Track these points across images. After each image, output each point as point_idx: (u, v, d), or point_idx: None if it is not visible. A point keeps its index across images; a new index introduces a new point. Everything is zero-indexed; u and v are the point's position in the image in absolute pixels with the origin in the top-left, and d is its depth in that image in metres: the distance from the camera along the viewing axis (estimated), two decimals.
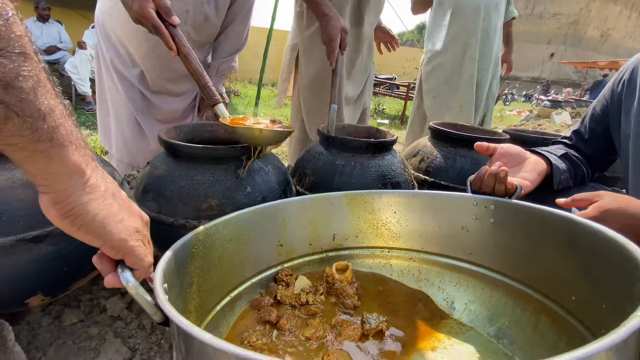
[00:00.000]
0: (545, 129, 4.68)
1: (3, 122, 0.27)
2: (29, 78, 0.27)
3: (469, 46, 1.79)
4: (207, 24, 1.16)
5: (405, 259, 0.75)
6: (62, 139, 0.30)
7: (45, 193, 0.31)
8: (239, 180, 0.73)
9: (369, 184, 0.87)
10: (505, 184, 0.65)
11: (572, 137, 0.87)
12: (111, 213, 0.34)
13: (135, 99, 1.16)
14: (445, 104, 1.87)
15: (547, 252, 0.59)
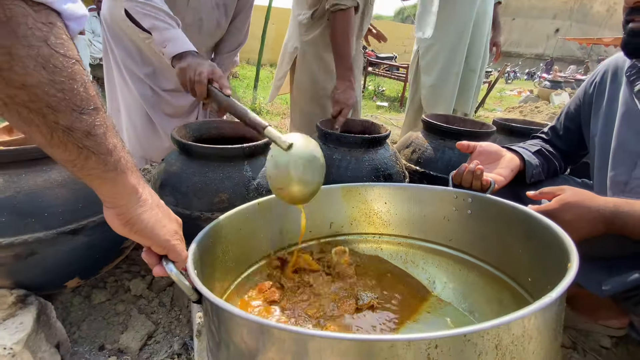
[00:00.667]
0: (542, 111, 4.72)
1: (85, 160, 0.36)
2: (101, 126, 0.36)
3: (464, 31, 1.77)
4: (218, 29, 1.21)
5: (394, 243, 0.85)
6: (123, 167, 0.39)
7: (110, 208, 0.41)
8: (246, 176, 0.82)
9: (363, 176, 0.96)
10: (481, 180, 0.73)
11: (549, 133, 0.95)
12: (158, 220, 0.44)
13: (146, 95, 1.22)
14: (441, 94, 1.89)
15: (511, 240, 0.69)
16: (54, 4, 0.33)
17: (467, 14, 1.75)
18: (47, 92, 0.32)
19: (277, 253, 0.80)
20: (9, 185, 0.62)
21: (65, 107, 0.33)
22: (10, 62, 0.30)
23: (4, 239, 0.59)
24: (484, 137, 1.14)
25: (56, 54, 0.32)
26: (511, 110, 5.18)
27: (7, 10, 0.30)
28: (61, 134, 0.34)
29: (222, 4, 1.19)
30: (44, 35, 0.32)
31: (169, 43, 0.88)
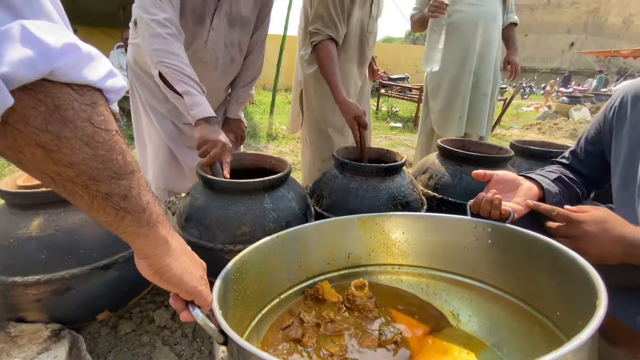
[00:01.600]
0: (561, 127, 4.61)
1: (121, 220, 0.39)
2: (136, 187, 0.39)
3: (466, 60, 1.87)
4: (233, 65, 1.29)
5: (414, 274, 0.84)
6: (154, 221, 0.42)
7: (142, 258, 0.44)
8: (266, 209, 0.85)
9: (380, 205, 0.97)
10: (500, 210, 0.73)
11: (569, 157, 0.94)
12: (185, 268, 0.47)
13: (168, 130, 1.29)
14: (449, 118, 1.96)
15: (535, 271, 0.68)
16: (97, 83, 0.35)
17: (469, 44, 1.85)
18: (90, 165, 0.35)
19: (296, 287, 0.81)
20: (49, 224, 0.66)
21: (105, 176, 0.36)
22: (59, 145, 0.33)
23: (43, 276, 0.63)
24: (502, 162, 1.14)
25: (99, 130, 0.35)
26: (529, 127, 5.09)
27: (56, 99, 0.32)
28: (101, 199, 0.37)
29: (236, 42, 1.27)
30: (88, 115, 0.34)
31: (196, 107, 0.99)
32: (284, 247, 0.79)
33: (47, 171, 0.34)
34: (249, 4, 1.23)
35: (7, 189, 0.68)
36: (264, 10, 1.31)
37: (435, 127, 2.01)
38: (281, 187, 0.91)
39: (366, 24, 1.45)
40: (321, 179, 1.11)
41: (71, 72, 0.32)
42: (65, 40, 0.31)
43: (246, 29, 1.28)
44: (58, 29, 0.31)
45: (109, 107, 0.38)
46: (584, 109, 5.64)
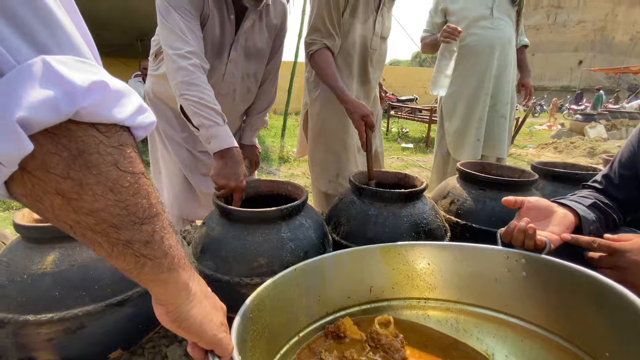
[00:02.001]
0: (578, 146, 4.51)
1: (142, 267, 0.36)
2: (159, 230, 0.36)
3: (483, 82, 1.87)
4: (249, 94, 1.31)
5: (442, 309, 0.79)
6: (175, 266, 0.39)
7: (160, 305, 0.41)
8: (284, 238, 0.82)
9: (402, 233, 0.93)
10: (535, 240, 0.68)
11: (602, 182, 0.89)
12: (205, 315, 0.43)
13: (183, 157, 1.30)
14: (464, 140, 1.94)
15: (578, 307, 0.62)
16: (125, 121, 0.32)
17: (486, 67, 1.85)
18: (112, 212, 0.32)
19: (315, 323, 0.76)
20: (64, 259, 0.64)
21: (127, 222, 0.33)
22: (80, 192, 0.30)
23: (56, 314, 0.60)
24: (526, 186, 1.09)
25: (124, 174, 0.32)
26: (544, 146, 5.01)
27: (80, 143, 0.29)
28: (121, 247, 0.34)
29: (252, 73, 1.29)
30: (114, 159, 0.31)
31: (213, 140, 0.99)
32: (302, 281, 0.75)
33: (66, 220, 0.31)
34: (263, 36, 1.26)
35: (23, 222, 0.67)
36: (278, 40, 1.34)
37: (451, 148, 1.99)
38: (298, 215, 0.88)
39: (369, 39, 1.44)
40: (337, 205, 1.08)
41: (98, 111, 0.29)
42: (93, 78, 0.28)
43: (262, 60, 1.30)
44: (86, 64, 0.29)
45: (136, 146, 0.35)
46: (600, 127, 5.53)
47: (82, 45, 0.30)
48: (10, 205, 2.73)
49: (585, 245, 0.71)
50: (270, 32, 1.28)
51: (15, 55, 0.25)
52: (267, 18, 1.25)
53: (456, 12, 1.85)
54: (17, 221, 0.66)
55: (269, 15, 1.25)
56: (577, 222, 0.77)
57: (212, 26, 1.12)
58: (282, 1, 1.30)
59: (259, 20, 1.23)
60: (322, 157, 1.54)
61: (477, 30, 1.81)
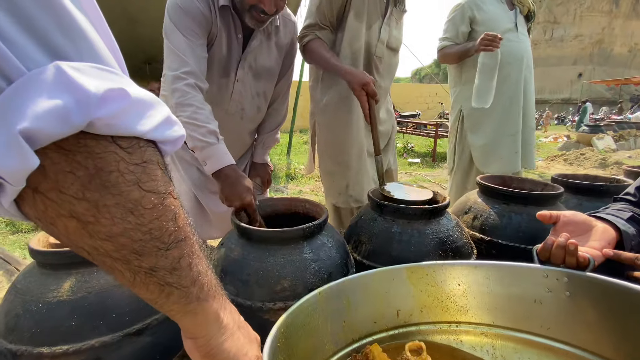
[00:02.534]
0: (589, 158, 4.46)
1: (167, 297, 0.32)
2: (187, 256, 0.33)
3: (515, 95, 1.84)
4: (258, 114, 1.31)
5: (476, 334, 0.74)
6: (205, 295, 0.36)
7: (190, 338, 0.37)
8: (306, 259, 0.78)
9: (429, 251, 0.88)
10: (577, 256, 0.64)
11: (636, 194, 0.85)
12: (239, 348, 0.40)
13: (193, 176, 1.28)
14: (495, 154, 1.89)
15: (635, 327, 0.57)
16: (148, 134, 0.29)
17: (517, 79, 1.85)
18: (133, 237, 0.28)
19: (341, 351, 0.72)
20: (81, 286, 0.61)
21: (150, 248, 0.30)
22: (97, 215, 0.27)
23: (72, 346, 0.56)
24: (552, 199, 1.05)
25: (147, 194, 0.29)
26: (554, 158, 4.96)
27: (98, 160, 0.26)
28: (143, 275, 0.30)
29: (261, 92, 1.29)
30: (136, 178, 0.28)
31: (208, 160, 0.98)
32: (326, 305, 0.70)
33: (82, 245, 0.28)
34: (272, 55, 1.26)
35: (38, 247, 0.64)
36: (288, 59, 1.34)
37: (479, 162, 1.94)
38: (320, 234, 0.85)
39: (373, 46, 1.42)
40: (357, 223, 1.04)
41: (116, 122, 0.26)
42: (110, 85, 0.25)
43: (271, 79, 1.30)
44: (105, 71, 0.26)
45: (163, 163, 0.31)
46: (607, 138, 5.49)
47: (104, 51, 0.27)
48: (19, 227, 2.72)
49: (629, 262, 0.66)
50: (280, 51, 1.29)
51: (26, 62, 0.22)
52: (277, 37, 1.26)
53: (485, 21, 1.82)
54: (33, 246, 0.63)
55: (278, 34, 1.26)
56: (617, 237, 0.73)
57: (220, 45, 1.13)
58: (292, 20, 1.31)
59: (268, 40, 1.23)
60: (331, 168, 1.51)
61: (507, 43, 1.78)
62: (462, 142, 2.01)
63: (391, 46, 1.48)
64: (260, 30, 1.18)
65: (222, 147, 0.99)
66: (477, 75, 1.68)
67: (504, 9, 1.85)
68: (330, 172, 1.52)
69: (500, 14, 1.84)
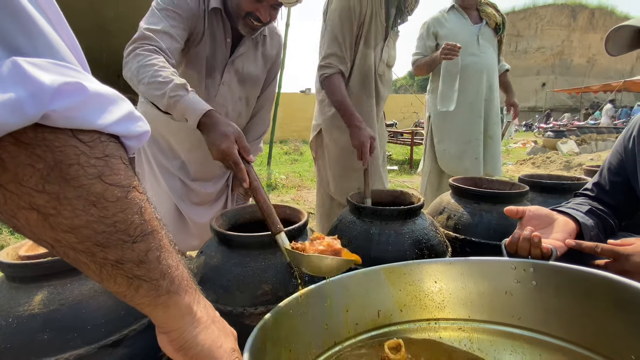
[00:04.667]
0: (554, 160, 4.72)
1: (136, 290, 0.32)
2: (155, 250, 0.33)
3: (474, 105, 1.97)
4: (239, 119, 1.32)
5: (454, 329, 0.76)
6: (176, 288, 0.36)
7: (163, 333, 0.37)
8: (287, 262, 0.79)
9: (406, 250, 0.91)
10: (541, 247, 0.68)
11: (594, 189, 0.92)
12: (214, 341, 0.40)
13: (175, 187, 1.27)
14: (459, 160, 2.01)
15: (596, 311, 0.61)
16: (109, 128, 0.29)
17: (477, 90, 1.97)
18: (96, 229, 0.29)
19: (323, 354, 0.72)
20: (53, 298, 0.59)
21: (115, 240, 0.30)
22: (58, 207, 0.27)
23: None
24: (519, 197, 1.11)
25: (110, 187, 0.29)
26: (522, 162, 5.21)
27: (58, 153, 0.26)
28: (110, 268, 0.30)
29: (244, 97, 1.30)
30: (98, 171, 0.28)
31: (187, 115, 0.88)
32: (308, 308, 0.71)
33: (45, 238, 0.28)
34: (259, 64, 1.29)
35: (7, 260, 0.62)
36: (273, 70, 1.38)
37: (446, 168, 2.05)
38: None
39: (376, 65, 1.54)
40: (337, 226, 1.06)
41: (74, 115, 0.26)
42: (65, 80, 0.25)
43: (256, 86, 1.33)
44: (62, 67, 0.26)
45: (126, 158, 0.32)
46: (570, 142, 5.84)
47: (63, 49, 0.28)
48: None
49: (589, 251, 0.72)
50: (266, 61, 1.31)
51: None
52: (264, 48, 1.29)
53: (447, 36, 1.97)
54: (1, 259, 0.61)
55: (265, 45, 1.29)
56: (577, 228, 0.78)
57: (206, 45, 1.14)
58: (278, 33, 1.35)
59: (255, 49, 1.26)
60: (342, 172, 1.58)
61: (467, 56, 1.93)
62: (432, 146, 2.13)
63: (389, 64, 1.61)
64: (249, 38, 1.20)
65: (194, 96, 0.90)
66: (440, 81, 1.79)
67: (465, 25, 2.00)
68: (339, 176, 1.60)
69: (461, 29, 1.99)
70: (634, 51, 0.75)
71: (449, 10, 2.04)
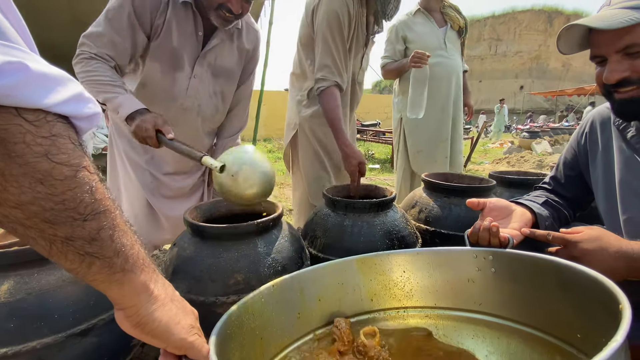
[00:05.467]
0: (528, 160, 4.91)
1: (88, 267, 0.33)
2: (107, 229, 0.34)
3: (445, 107, 2.06)
4: (217, 114, 1.32)
5: (421, 317, 0.80)
6: (131, 266, 0.37)
7: (119, 309, 0.38)
8: (261, 253, 0.80)
9: (377, 241, 0.94)
10: (499, 237, 0.73)
11: (551, 183, 0.98)
12: (171, 317, 0.41)
13: (146, 181, 1.26)
14: (432, 159, 2.09)
15: (546, 295, 0.66)
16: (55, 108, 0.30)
17: (447, 92, 2.06)
18: (44, 206, 0.30)
19: (296, 342, 0.74)
20: (20, 287, 0.59)
21: (65, 218, 0.31)
22: (4, 184, 0.28)
23: (11, 348, 0.54)
24: (486, 191, 1.17)
25: (57, 165, 0.30)
26: (498, 161, 5.39)
27: (2, 132, 0.27)
28: (60, 244, 0.31)
29: (219, 91, 1.30)
30: (44, 149, 0.29)
31: (120, 108, 1.01)
32: (281, 297, 0.73)
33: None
34: (234, 57, 1.29)
35: None
36: (250, 65, 1.37)
37: (416, 167, 2.12)
38: (274, 229, 0.88)
39: (356, 74, 1.56)
40: (313, 219, 1.08)
41: (17, 94, 0.27)
42: (8, 59, 0.26)
43: (231, 80, 1.32)
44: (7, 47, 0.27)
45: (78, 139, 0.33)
46: (544, 142, 6.09)
47: (8, 29, 0.28)
48: None
49: (541, 238, 0.76)
50: (242, 55, 1.31)
51: None
52: (239, 41, 1.29)
53: (415, 40, 2.03)
54: None
55: (240, 38, 1.29)
56: (533, 219, 0.84)
57: (169, 37, 1.14)
58: (255, 28, 1.35)
59: (230, 41, 1.26)
60: (320, 174, 1.57)
61: (436, 59, 2.00)
62: (404, 146, 2.21)
63: (364, 69, 1.63)
64: (222, 30, 1.20)
65: (131, 97, 1.04)
66: (409, 89, 1.85)
67: (432, 28, 2.07)
68: (318, 178, 1.58)
69: (429, 33, 2.05)
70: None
71: (415, 13, 2.09)
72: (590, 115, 0.91)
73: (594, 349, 0.55)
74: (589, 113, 0.92)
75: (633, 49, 0.68)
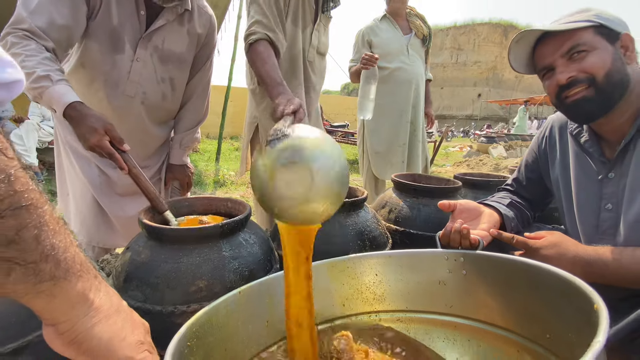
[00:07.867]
0: (486, 163, 5.20)
1: (6, 275, 0.27)
2: (31, 228, 0.28)
3: (404, 112, 2.12)
4: (164, 102, 1.21)
5: (393, 320, 0.78)
6: (63, 273, 0.31)
7: (49, 325, 0.32)
8: (226, 257, 0.74)
9: (349, 241, 0.92)
10: (469, 239, 0.73)
11: (513, 185, 1.02)
12: (115, 333, 0.35)
13: (92, 176, 1.13)
14: (388, 162, 2.15)
15: (515, 295, 0.66)
16: None
17: (406, 97, 2.12)
18: None
19: (264, 352, 0.69)
20: None
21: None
22: None
23: None
24: (453, 192, 1.19)
25: None
26: (459, 164, 5.65)
27: None
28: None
29: (167, 78, 1.19)
30: None
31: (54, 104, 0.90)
32: (247, 305, 0.68)
33: None
34: (184, 41, 1.19)
35: None
36: (205, 51, 1.28)
37: (375, 169, 2.18)
38: (241, 231, 0.82)
39: (306, 50, 1.45)
40: None
41: None
42: None
43: (183, 67, 1.22)
44: None
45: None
46: (500, 147, 6.50)
47: None
48: None
49: (507, 241, 0.78)
50: (193, 39, 1.22)
51: None
52: (190, 25, 1.19)
53: (380, 45, 2.08)
54: None
55: (192, 22, 1.20)
56: (500, 219, 0.85)
57: (107, 16, 1.04)
58: (208, 12, 1.26)
59: (179, 25, 1.17)
60: None
61: (398, 64, 2.06)
62: (367, 147, 2.25)
63: (320, 51, 1.53)
64: (168, 11, 1.10)
65: (60, 88, 0.89)
66: (359, 90, 1.85)
67: (396, 35, 2.13)
68: None
69: (392, 38, 2.12)
70: None
71: (382, 19, 2.16)
72: (550, 120, 0.95)
73: (562, 349, 0.57)
74: (549, 117, 0.96)
75: (576, 49, 0.72)
